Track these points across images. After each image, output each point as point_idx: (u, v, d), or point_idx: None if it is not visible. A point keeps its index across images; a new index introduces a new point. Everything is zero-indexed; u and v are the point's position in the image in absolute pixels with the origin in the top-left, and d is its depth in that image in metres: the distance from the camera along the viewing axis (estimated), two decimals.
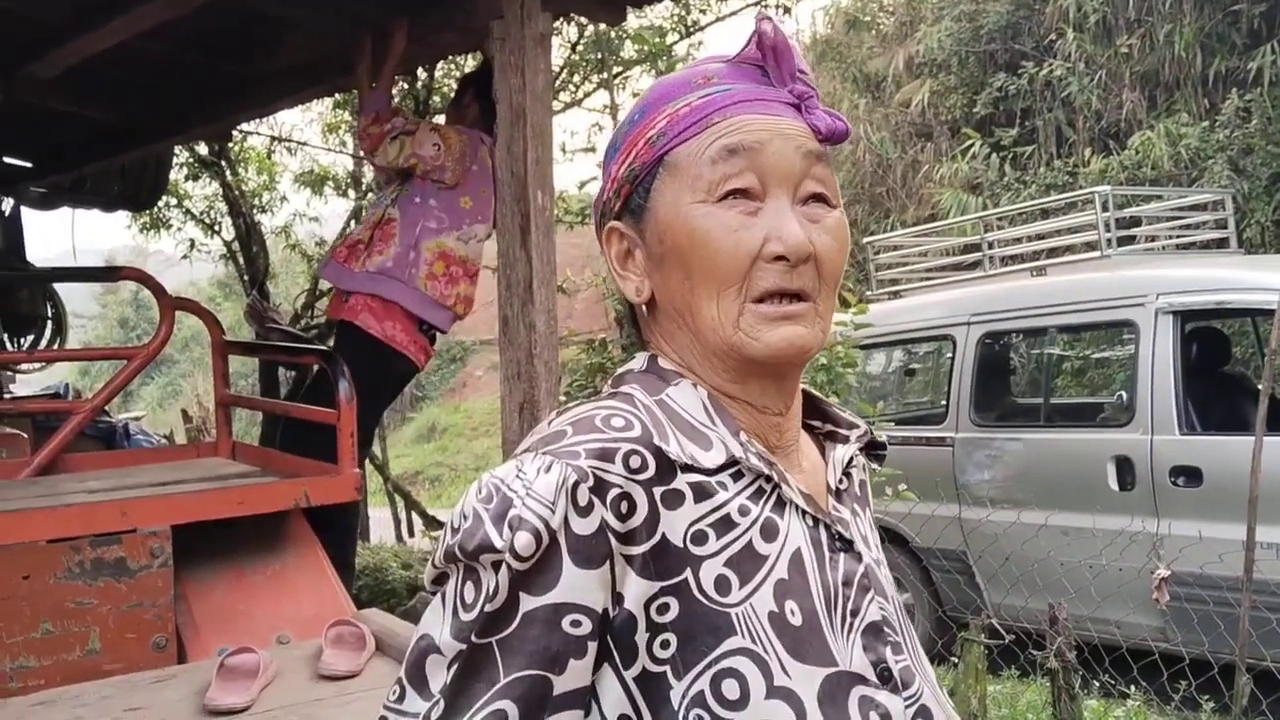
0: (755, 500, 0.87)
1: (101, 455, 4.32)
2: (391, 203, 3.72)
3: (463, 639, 0.78)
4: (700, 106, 0.89)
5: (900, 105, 15.34)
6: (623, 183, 0.93)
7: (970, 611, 5.11)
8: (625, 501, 0.81)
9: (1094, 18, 13.03)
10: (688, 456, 0.85)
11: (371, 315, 3.64)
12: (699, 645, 0.81)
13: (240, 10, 3.48)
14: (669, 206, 0.89)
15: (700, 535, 0.84)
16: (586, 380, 6.71)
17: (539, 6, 2.96)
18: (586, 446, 0.82)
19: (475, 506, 0.81)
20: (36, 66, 3.99)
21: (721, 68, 0.92)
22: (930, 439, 6.03)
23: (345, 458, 3.33)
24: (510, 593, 0.78)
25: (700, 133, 0.88)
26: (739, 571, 0.84)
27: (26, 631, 2.66)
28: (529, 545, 0.77)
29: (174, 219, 9.45)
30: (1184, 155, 11.46)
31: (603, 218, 0.96)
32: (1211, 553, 4.33)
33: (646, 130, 0.91)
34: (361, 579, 6.71)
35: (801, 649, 0.84)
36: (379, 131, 3.64)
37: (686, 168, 0.88)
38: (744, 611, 0.83)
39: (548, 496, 0.78)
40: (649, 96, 0.94)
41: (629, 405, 0.88)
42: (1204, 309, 5.29)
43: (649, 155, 0.90)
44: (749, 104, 0.89)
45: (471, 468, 17.86)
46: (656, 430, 0.86)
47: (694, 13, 8.94)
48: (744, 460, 0.87)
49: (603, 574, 0.80)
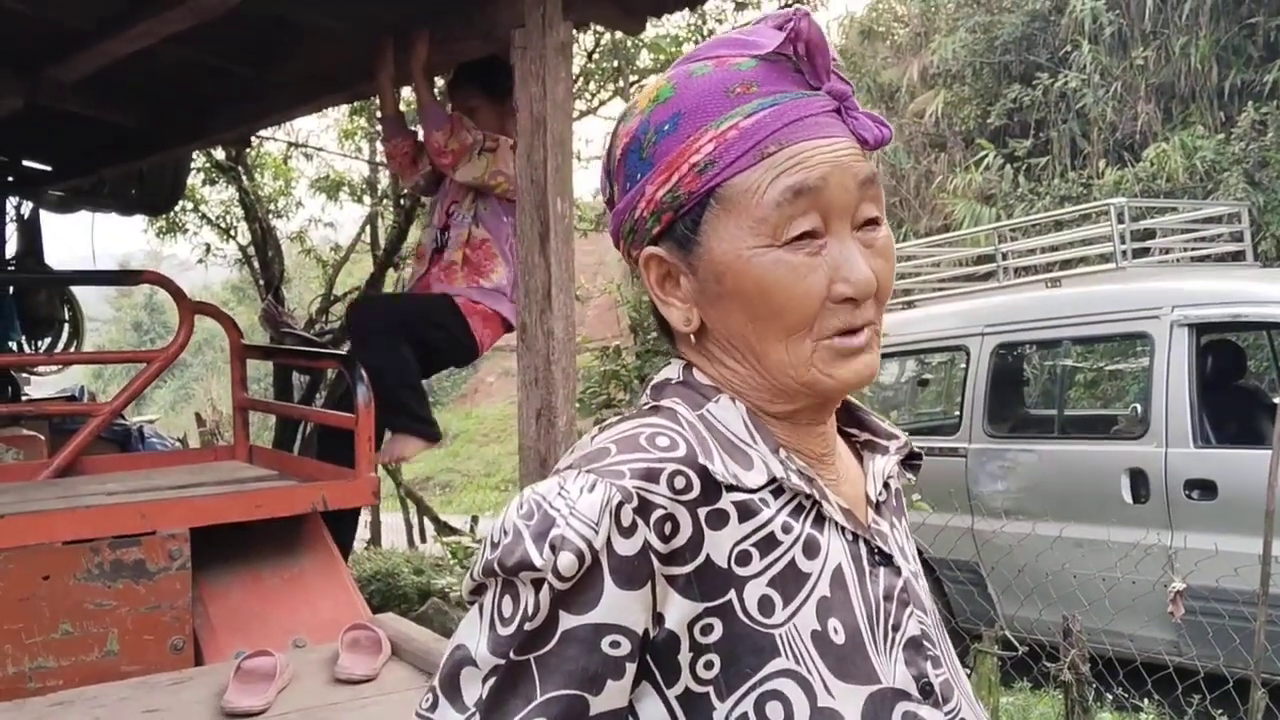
0: (796, 517, 0.87)
1: (119, 458, 4.34)
2: (474, 221, 3.67)
3: (500, 654, 0.78)
4: (750, 130, 0.84)
5: (914, 116, 15.35)
6: (664, 208, 0.87)
7: (983, 623, 5.10)
8: (669, 523, 0.80)
9: (1109, 30, 13.03)
10: (731, 476, 0.84)
11: (481, 319, 3.67)
12: (742, 667, 0.81)
13: (262, 16, 3.49)
14: (727, 247, 0.85)
15: (744, 555, 0.83)
16: (600, 387, 6.72)
17: (560, 16, 2.97)
18: (631, 466, 0.81)
19: (516, 522, 0.80)
20: (58, 70, 4.01)
21: (756, 68, 0.86)
22: (944, 449, 6.02)
23: (363, 462, 3.35)
24: (550, 611, 0.77)
25: (755, 164, 0.83)
26: (782, 591, 0.84)
27: (46, 632, 2.67)
28: (571, 565, 0.76)
29: (190, 223, 9.50)
30: (1199, 168, 11.44)
31: (631, 234, 0.91)
32: (1227, 566, 4.31)
33: (689, 153, 0.85)
34: (373, 584, 6.72)
35: (845, 668, 0.83)
36: (459, 146, 3.56)
37: (745, 206, 0.84)
38: (787, 632, 0.83)
39: (591, 517, 0.78)
40: (680, 100, 0.87)
41: (673, 422, 0.87)
42: (1219, 322, 5.28)
43: (697, 185, 0.85)
44: (801, 125, 0.84)
45: (483, 473, 17.90)
46: (701, 448, 0.84)
47: (710, 22, 8.97)
48: (785, 479, 0.86)
49: (644, 595, 0.79)
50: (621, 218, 0.91)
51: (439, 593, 6.35)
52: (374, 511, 9.13)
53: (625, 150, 0.90)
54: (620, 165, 0.90)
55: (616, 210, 0.91)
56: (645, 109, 0.89)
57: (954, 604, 5.71)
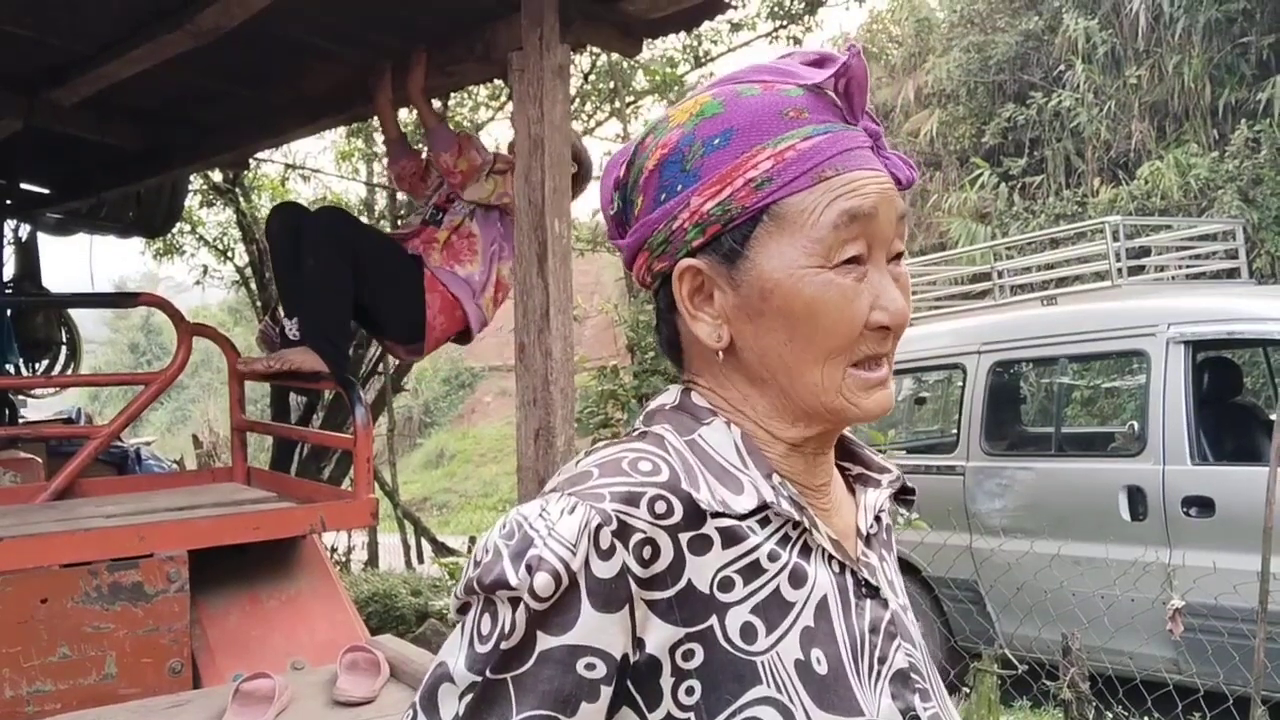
0: (783, 546, 0.87)
1: (117, 480, 4.33)
2: (469, 216, 3.67)
3: (477, 671, 0.78)
4: (808, 154, 0.85)
5: (909, 135, 15.43)
6: (710, 220, 0.86)
7: (983, 641, 5.10)
8: (649, 547, 0.80)
9: (1102, 49, 13.11)
10: (718, 502, 0.84)
11: (439, 301, 3.60)
12: (723, 693, 0.81)
13: (260, 39, 3.51)
14: (778, 264, 0.85)
15: (727, 582, 0.83)
16: (597, 406, 6.73)
17: (558, 38, 2.99)
18: (612, 490, 0.81)
19: (497, 542, 0.80)
20: (57, 93, 4.03)
21: (804, 97, 0.88)
22: (941, 467, 6.03)
23: (361, 483, 3.35)
24: (527, 631, 0.78)
25: (812, 185, 0.84)
26: (765, 619, 0.84)
27: (44, 655, 2.67)
28: (548, 586, 0.77)
29: (187, 245, 9.52)
30: (1193, 185, 11.50)
31: (664, 244, 0.90)
32: (1225, 584, 4.31)
33: (745, 168, 0.85)
34: (371, 605, 6.71)
35: (827, 698, 0.83)
36: (469, 167, 3.58)
37: (801, 225, 0.85)
38: (770, 660, 0.83)
39: (570, 538, 0.78)
40: (731, 116, 0.87)
41: (658, 448, 0.87)
42: (1215, 339, 5.29)
43: (751, 201, 0.85)
44: (852, 155, 0.86)
45: (480, 494, 17.87)
46: (686, 475, 0.85)
47: (705, 43, 9.02)
48: (775, 504, 0.86)
49: (622, 618, 0.79)
50: (654, 227, 0.90)
51: (437, 614, 6.34)
52: (371, 532, 9.13)
53: (662, 161, 0.89)
54: (653, 176, 0.90)
55: (647, 220, 0.90)
56: (686, 123, 0.89)
57: (953, 622, 5.70)
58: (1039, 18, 14.36)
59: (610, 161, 0.97)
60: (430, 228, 3.72)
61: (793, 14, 8.71)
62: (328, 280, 3.46)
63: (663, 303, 0.94)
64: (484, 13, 3.28)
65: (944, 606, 5.79)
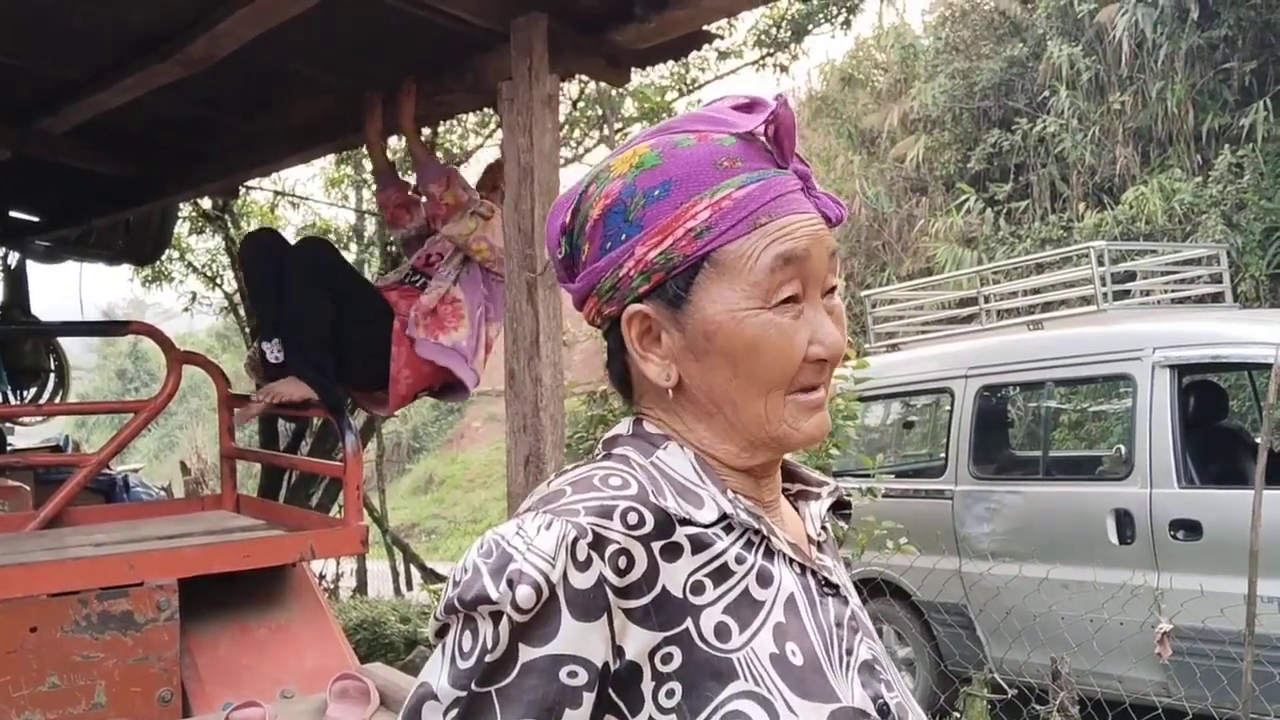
0: (748, 550, 0.92)
1: (106, 508, 4.32)
2: (454, 282, 3.60)
3: (461, 687, 0.80)
4: (743, 202, 0.89)
5: (895, 160, 15.52)
6: (655, 268, 0.91)
7: (972, 666, 5.10)
8: (624, 557, 0.84)
9: (1086, 75, 13.23)
10: (684, 512, 0.89)
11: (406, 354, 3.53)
12: (703, 692, 0.84)
13: (252, 68, 3.53)
14: (719, 307, 0.90)
15: (698, 585, 0.87)
16: (587, 432, 6.72)
17: (547, 68, 3.02)
18: (586, 504, 0.85)
19: (476, 560, 0.83)
20: (47, 122, 4.05)
21: (736, 145, 0.92)
22: (930, 491, 6.04)
23: (351, 510, 3.35)
24: (510, 644, 0.80)
25: (749, 232, 0.89)
26: (738, 617, 0.88)
27: (33, 685, 2.65)
28: (529, 598, 0.79)
29: (176, 272, 9.53)
30: (1178, 210, 11.58)
31: (611, 291, 0.94)
32: (1213, 607, 4.33)
33: (685, 219, 0.90)
34: (360, 633, 6.69)
35: (805, 687, 0.87)
36: (454, 201, 3.58)
37: (739, 270, 0.89)
38: (745, 655, 0.86)
39: (548, 552, 0.81)
40: (668, 168, 0.91)
41: (626, 466, 0.92)
42: (1200, 363, 5.33)
43: (692, 249, 0.90)
44: (785, 200, 0.91)
45: (469, 519, 17.81)
46: (653, 487, 0.90)
47: (693, 71, 9.08)
48: (734, 515, 0.91)
49: (601, 627, 0.82)
50: (601, 274, 0.94)
51: (425, 641, 6.32)
52: (360, 559, 9.10)
53: (606, 210, 0.93)
54: (598, 225, 0.93)
55: (594, 268, 0.94)
56: (626, 173, 0.93)
57: (943, 647, 5.70)
58: (1023, 44, 14.50)
59: (555, 206, 1.00)
60: (407, 288, 3.68)
61: (779, 41, 8.79)
62: (311, 308, 3.45)
63: (613, 343, 0.99)
64: (473, 43, 3.31)
65: (934, 631, 5.79)
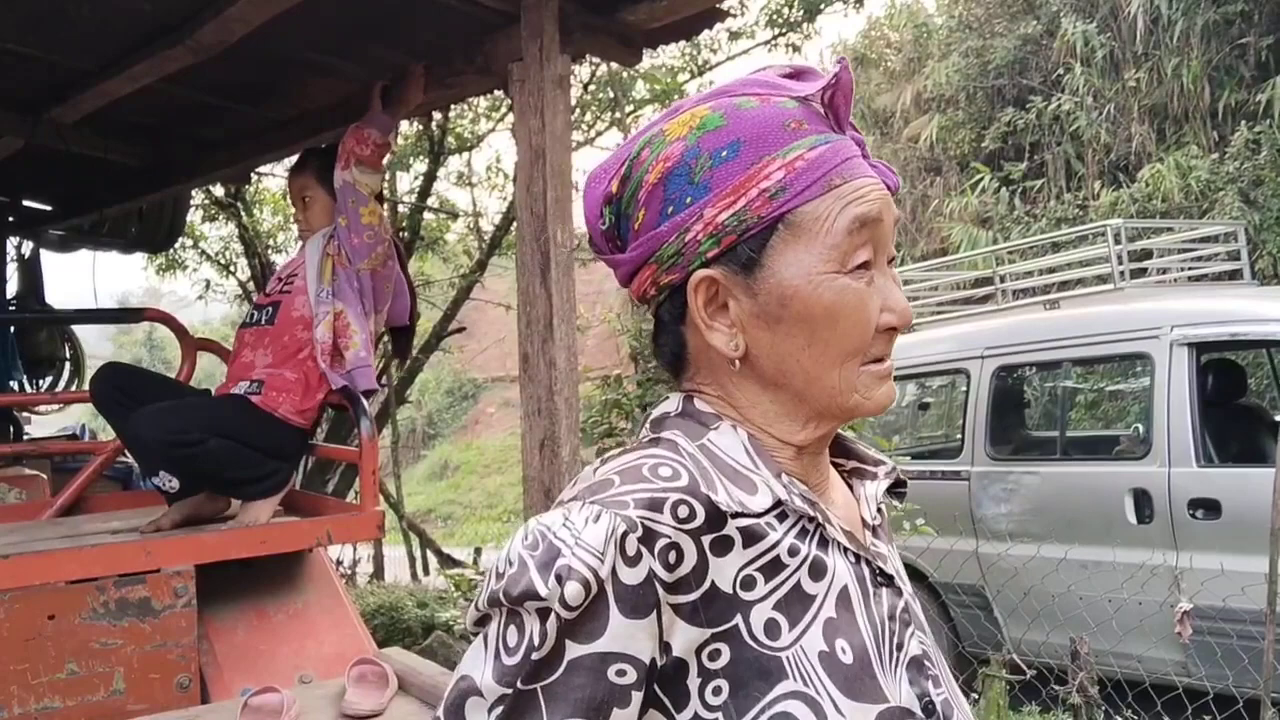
0: (802, 539, 0.88)
1: (122, 496, 4.33)
2: (333, 296, 3.36)
3: (507, 684, 0.78)
4: (816, 163, 0.87)
5: (909, 140, 15.44)
6: (726, 231, 0.87)
7: (990, 646, 5.09)
8: (673, 551, 0.81)
9: (1101, 52, 13.12)
10: (736, 503, 0.85)
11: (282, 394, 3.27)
12: (750, 691, 0.82)
13: (262, 54, 3.51)
14: (796, 271, 0.87)
15: (749, 580, 0.84)
16: (601, 416, 6.71)
17: (558, 49, 2.99)
18: (635, 496, 0.82)
19: (521, 553, 0.80)
20: (59, 110, 4.04)
21: (799, 109, 0.90)
22: (946, 473, 6.02)
23: (367, 496, 3.35)
24: (557, 641, 0.78)
25: (823, 194, 0.87)
26: (788, 614, 0.85)
27: (52, 672, 2.66)
28: (578, 595, 0.77)
29: (190, 260, 9.55)
30: (1194, 188, 11.49)
31: (675, 257, 0.90)
32: (1233, 585, 4.31)
33: (758, 179, 0.86)
34: (377, 618, 6.71)
35: (854, 687, 0.84)
36: (386, 154, 3.49)
37: (816, 233, 0.87)
38: (795, 654, 0.84)
39: (597, 546, 0.78)
40: (735, 129, 0.88)
41: (675, 454, 0.88)
42: (1218, 340, 5.29)
43: (767, 210, 0.86)
44: (854, 163, 0.89)
45: (484, 505, 17.87)
46: (703, 478, 0.86)
47: (704, 52, 9.04)
48: (788, 502, 0.88)
49: (650, 623, 0.80)
50: (662, 240, 0.90)
51: (443, 625, 6.34)
52: (376, 545, 9.13)
53: (666, 174, 0.89)
54: (656, 189, 0.90)
55: (655, 234, 0.90)
56: (687, 135, 0.89)
57: (960, 628, 5.69)
58: (1037, 22, 14.38)
59: (592, 176, 0.96)
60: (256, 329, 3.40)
61: (791, 22, 8.73)
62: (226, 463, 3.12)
63: (667, 315, 0.95)
64: (483, 24, 3.29)
65: (951, 612, 5.78)
